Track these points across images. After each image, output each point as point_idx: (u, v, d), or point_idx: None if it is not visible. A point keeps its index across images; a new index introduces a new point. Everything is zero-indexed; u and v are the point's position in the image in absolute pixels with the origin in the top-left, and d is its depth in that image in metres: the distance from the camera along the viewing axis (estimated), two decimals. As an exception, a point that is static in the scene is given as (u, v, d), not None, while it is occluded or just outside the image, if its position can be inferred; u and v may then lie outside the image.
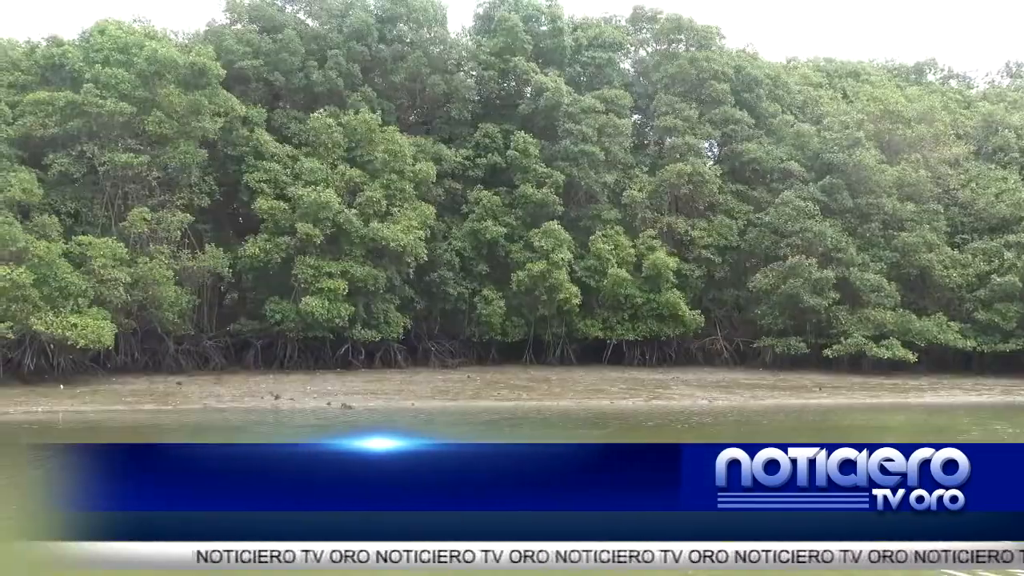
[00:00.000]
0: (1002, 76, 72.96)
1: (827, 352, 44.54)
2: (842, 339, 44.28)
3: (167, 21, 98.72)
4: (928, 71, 75.37)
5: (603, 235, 45.51)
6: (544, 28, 49.08)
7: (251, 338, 42.24)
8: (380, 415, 28.89)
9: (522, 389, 36.43)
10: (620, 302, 45.07)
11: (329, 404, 30.59)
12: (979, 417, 32.06)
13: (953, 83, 74.06)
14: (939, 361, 46.84)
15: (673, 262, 45.12)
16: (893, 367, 44.51)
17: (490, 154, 45.84)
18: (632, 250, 45.43)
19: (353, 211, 40.55)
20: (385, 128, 42.56)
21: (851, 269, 45.31)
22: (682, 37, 52.45)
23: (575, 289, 43.88)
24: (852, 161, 47.00)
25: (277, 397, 31.48)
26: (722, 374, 43.70)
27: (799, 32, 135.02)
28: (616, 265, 44.83)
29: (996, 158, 54.24)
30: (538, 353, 46.53)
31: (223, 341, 42.46)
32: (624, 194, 46.77)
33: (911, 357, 43.40)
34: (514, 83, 48.38)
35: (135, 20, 46.77)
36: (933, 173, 49.46)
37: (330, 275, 39.74)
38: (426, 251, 42.00)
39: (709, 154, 52.74)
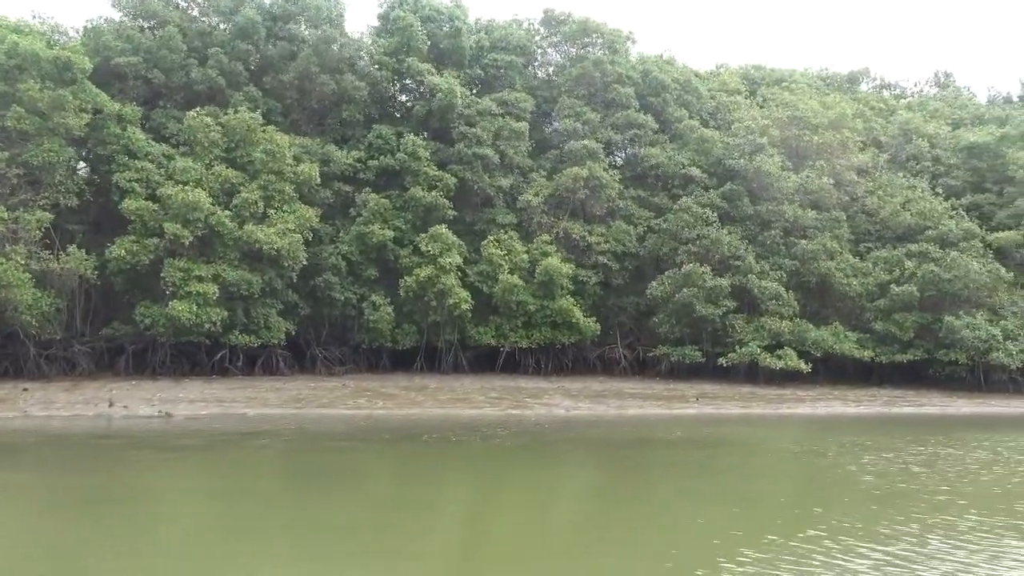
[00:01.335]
0: (930, 85, 72.75)
1: (722, 361, 43.63)
2: (737, 348, 43.38)
3: (72, 19, 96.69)
4: (862, 80, 75.27)
5: (495, 240, 44.43)
6: (444, 29, 47.98)
7: (125, 343, 40.82)
8: (197, 423, 27.57)
9: (387, 398, 35.22)
10: (513, 309, 43.93)
11: (159, 413, 29.22)
12: (827, 430, 31.32)
13: (886, 92, 73.96)
14: (839, 371, 46.09)
15: (567, 268, 44.06)
16: (789, 377, 43.69)
17: (383, 156, 44.68)
18: (526, 255, 44.37)
19: (227, 213, 39.26)
20: (265, 128, 41.29)
21: (749, 277, 44.45)
22: (591, 41, 51.59)
23: (465, 295, 42.72)
24: (752, 167, 46.20)
25: (111, 404, 30.11)
26: (613, 383, 42.70)
27: (747, 42, 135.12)
28: (509, 271, 43.75)
29: (908, 166, 53.76)
30: (431, 361, 45.33)
31: (97, 346, 41.02)
32: (520, 198, 45.72)
33: (804, 367, 42.53)
34: (410, 84, 47.25)
35: (34, 16, 45.78)
36: (839, 180, 48.80)
37: (200, 278, 38.36)
38: (307, 255, 40.83)
39: (620, 156, 51.80)
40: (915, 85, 73.80)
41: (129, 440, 24.55)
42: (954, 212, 48.54)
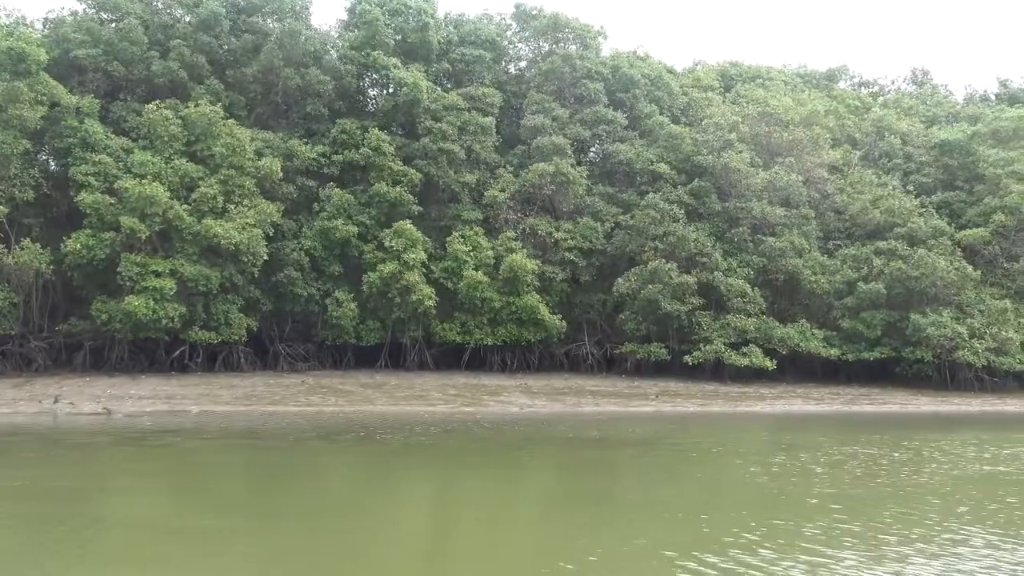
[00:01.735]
0: (907, 83, 72.62)
1: (687, 359, 43.35)
2: (702, 346, 43.10)
3: (40, 12, 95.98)
4: (840, 78, 75.16)
5: (460, 236, 44.05)
6: (411, 23, 47.55)
7: (83, 339, 40.35)
8: (133, 421, 27.16)
9: (342, 395, 34.85)
10: (478, 306, 43.54)
11: (102, 410, 28.79)
12: (771, 429, 31.18)
13: (864, 90, 73.82)
14: (807, 369, 45.87)
15: (533, 265, 43.69)
16: (756, 375, 43.47)
17: (347, 151, 44.23)
18: (491, 252, 43.99)
19: (186, 207, 38.80)
20: (226, 122, 40.83)
21: (715, 274, 44.16)
22: (562, 36, 51.21)
23: (429, 291, 42.32)
24: (720, 164, 45.91)
25: (56, 401, 29.66)
26: (577, 381, 42.40)
27: (730, 39, 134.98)
28: (474, 267, 43.38)
29: (881, 163, 53.56)
30: (396, 358, 44.95)
31: (56, 342, 40.56)
32: (486, 194, 45.34)
33: (770, 365, 42.30)
34: (377, 79, 46.82)
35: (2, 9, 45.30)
36: (809, 177, 48.54)
37: (157, 274, 37.90)
38: (268, 250, 40.42)
39: (598, 153, 51.44)
40: (892, 83, 73.63)
41: (37, 437, 24.14)
42: (924, 209, 48.33)
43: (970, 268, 44.99)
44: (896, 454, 24.48)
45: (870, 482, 20.15)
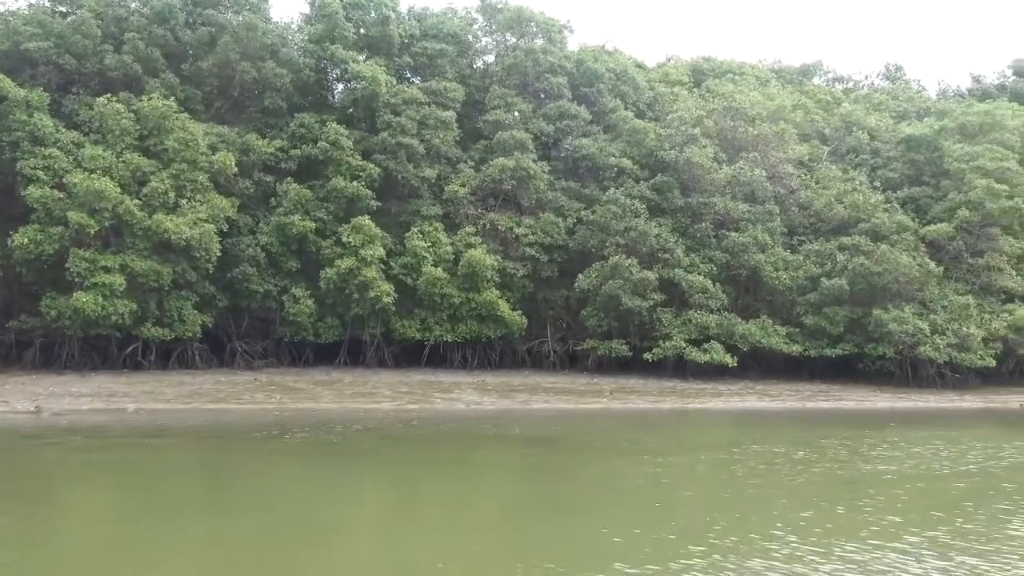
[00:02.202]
0: (881, 79, 72.41)
1: (647, 355, 42.97)
2: (662, 342, 42.73)
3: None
4: (815, 73, 74.94)
5: (419, 231, 43.58)
6: (372, 16, 47.04)
7: (34, 336, 39.78)
8: (60, 419, 26.66)
9: (291, 392, 34.37)
10: (437, 302, 43.08)
11: (34, 408, 28.25)
12: (706, 427, 30.87)
13: (839, 86, 73.61)
14: (770, 366, 45.53)
15: (493, 260, 43.24)
16: (719, 372, 43.12)
17: (305, 145, 43.70)
18: (450, 248, 43.54)
19: (136, 202, 38.25)
20: (178, 116, 40.28)
21: (677, 270, 43.79)
22: (528, 30, 50.75)
23: (387, 288, 41.85)
24: (683, 159, 45.52)
25: (-18, 400, 29.09)
26: (535, 377, 42.01)
27: (708, 35, 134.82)
28: (433, 263, 42.92)
29: (848, 159, 53.27)
30: (356, 355, 44.50)
31: (7, 339, 40.01)
32: (447, 189, 44.88)
33: (730, 361, 41.94)
34: (336, 72, 46.29)
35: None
36: (774, 173, 48.19)
37: (107, 269, 37.36)
38: (222, 246, 39.99)
39: (567, 148, 50.95)
40: (866, 78, 73.43)
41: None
42: (888, 205, 48.02)
43: (933, 264, 44.69)
44: (800, 453, 24.15)
45: (751, 482, 19.83)
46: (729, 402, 35.99)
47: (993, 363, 43.14)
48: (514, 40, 51.48)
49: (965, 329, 42.58)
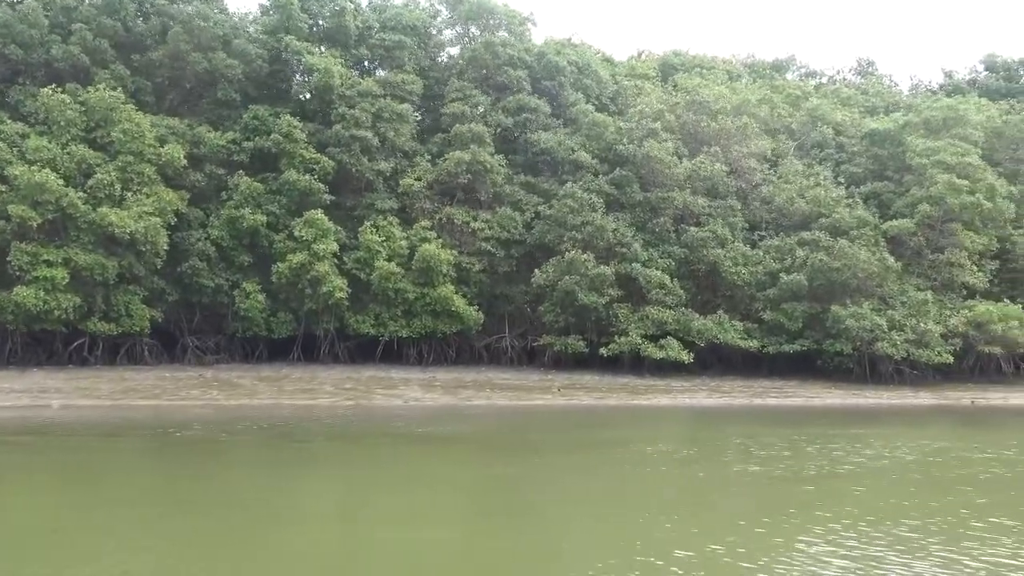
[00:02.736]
0: (853, 73, 72.06)
1: (602, 351, 42.54)
2: (618, 338, 42.29)
3: None
4: (788, 68, 74.57)
5: (373, 225, 43.04)
6: (327, 9, 46.43)
7: (-22, 331, 39.13)
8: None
9: (231, 388, 33.89)
10: (391, 297, 42.56)
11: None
12: (627, 424, 30.47)
13: (812, 81, 73.18)
14: (729, 362, 45.16)
15: (448, 255, 42.73)
16: (676, 368, 42.65)
17: (258, 137, 43.08)
18: (405, 242, 43.00)
19: (81, 195, 37.63)
20: (125, 107, 39.64)
21: (634, 265, 43.34)
22: (491, 22, 50.20)
23: (340, 282, 41.31)
24: (642, 153, 45.05)
25: None
26: (488, 374, 41.56)
27: (683, 30, 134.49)
28: (387, 258, 42.39)
29: (813, 154, 52.86)
30: (310, 351, 43.96)
31: (-49, 334, 39.35)
32: (402, 183, 44.34)
33: (686, 357, 41.52)
34: (292, 64, 45.66)
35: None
36: (736, 168, 47.75)
37: (49, 263, 36.78)
38: (171, 240, 39.47)
39: (528, 141, 50.33)
40: (838, 73, 73.02)
41: None
42: (850, 200, 47.62)
43: (892, 259, 44.29)
44: (690, 450, 23.73)
45: (617, 477, 19.41)
46: (677, 399, 35.58)
47: (951, 359, 42.76)
48: (478, 33, 50.94)
49: (923, 325, 42.22)
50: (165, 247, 38.99)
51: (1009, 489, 19.34)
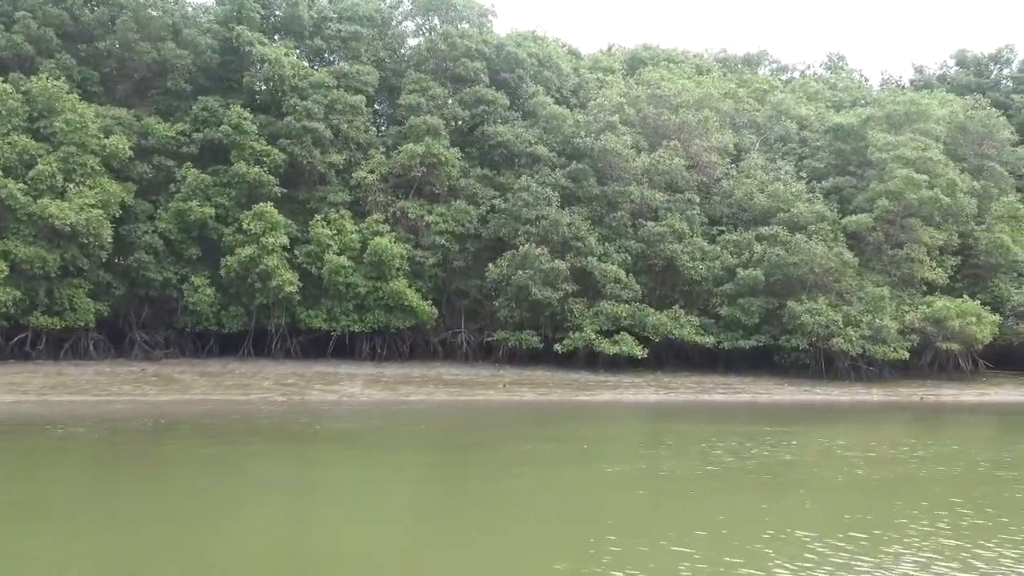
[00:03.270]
0: (823, 68, 71.66)
1: (556, 347, 42.07)
2: (571, 333, 41.83)
3: None
4: (761, 62, 74.11)
5: (324, 219, 42.45)
6: (281, -3, 45.78)
7: (-82, 325, 38.41)
8: None
9: (166, 383, 33.36)
10: (342, 291, 42.00)
11: None
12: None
13: (784, 75, 72.81)
14: (686, 358, 44.73)
15: (401, 249, 42.18)
16: (631, 364, 42.25)
17: (208, 129, 42.39)
18: (356, 236, 42.42)
19: (21, 186, 36.94)
20: (68, 97, 38.92)
21: (590, 259, 42.85)
22: (452, 14, 49.57)
23: (291, 276, 40.74)
24: (599, 146, 44.54)
25: None
26: (439, 369, 41.04)
27: (657, 24, 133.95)
28: (338, 251, 41.82)
29: (776, 148, 52.46)
30: (261, 346, 43.34)
31: None
32: (355, 175, 43.73)
33: (639, 353, 41.09)
34: (244, 55, 44.91)
35: None
36: (697, 162, 47.28)
37: (-13, 256, 36.08)
38: (116, 232, 38.86)
39: (484, 133, 49.71)
40: (808, 67, 72.62)
41: None
42: (810, 195, 47.23)
43: (849, 254, 43.94)
44: (582, 446, 23.24)
45: (489, 476, 18.97)
46: (622, 395, 35.11)
47: (907, 355, 42.45)
48: (439, 24, 50.32)
49: (879, 321, 41.88)
50: (109, 239, 38.34)
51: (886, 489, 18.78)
